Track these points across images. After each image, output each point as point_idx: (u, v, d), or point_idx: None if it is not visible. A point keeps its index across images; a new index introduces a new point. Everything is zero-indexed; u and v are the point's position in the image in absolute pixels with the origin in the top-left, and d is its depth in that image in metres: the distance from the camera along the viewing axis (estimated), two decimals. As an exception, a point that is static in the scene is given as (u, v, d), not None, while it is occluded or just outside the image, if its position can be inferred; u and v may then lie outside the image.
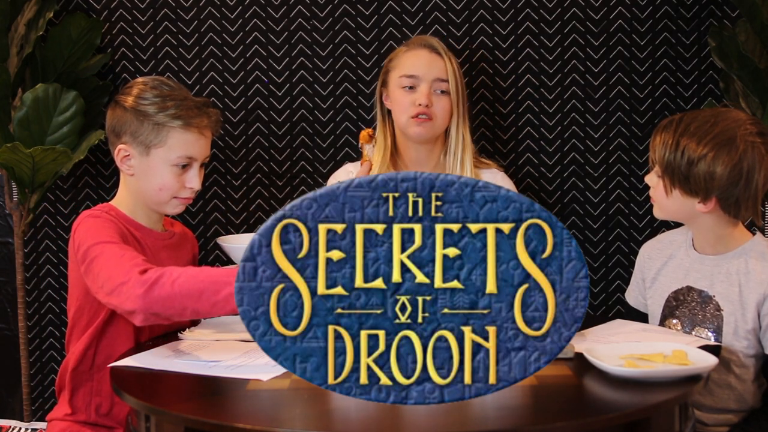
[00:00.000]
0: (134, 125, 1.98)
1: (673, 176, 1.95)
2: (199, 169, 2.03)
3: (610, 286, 2.70)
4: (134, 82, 2.05)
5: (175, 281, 1.71)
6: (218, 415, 1.49)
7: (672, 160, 1.94)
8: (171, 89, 2.02)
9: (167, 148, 1.98)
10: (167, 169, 1.99)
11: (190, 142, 1.99)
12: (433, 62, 2.38)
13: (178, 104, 1.98)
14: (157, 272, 1.73)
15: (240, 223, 2.76)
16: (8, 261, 2.81)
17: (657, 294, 2.10)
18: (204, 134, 2.02)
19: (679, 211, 2.00)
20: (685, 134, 1.93)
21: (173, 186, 2.00)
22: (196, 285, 1.70)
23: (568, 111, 2.68)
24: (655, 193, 2.02)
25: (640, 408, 1.50)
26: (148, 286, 1.71)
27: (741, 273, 1.97)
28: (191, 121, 1.98)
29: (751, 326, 1.95)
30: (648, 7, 2.64)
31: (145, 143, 1.98)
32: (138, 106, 1.98)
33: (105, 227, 1.91)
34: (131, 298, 1.72)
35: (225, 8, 2.71)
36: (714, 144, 1.91)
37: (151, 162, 1.99)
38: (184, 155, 1.99)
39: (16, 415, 2.80)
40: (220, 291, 1.70)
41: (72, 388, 1.99)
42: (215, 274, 1.72)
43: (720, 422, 2.00)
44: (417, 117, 2.34)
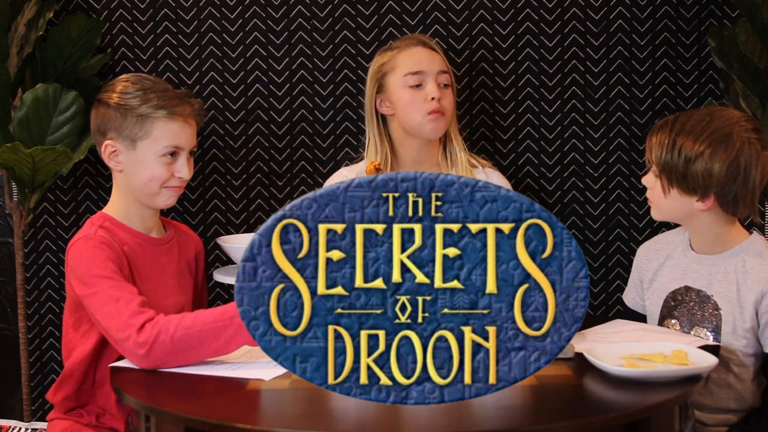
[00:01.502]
0: (118, 120, 1.98)
1: (671, 175, 1.95)
2: (187, 158, 2.03)
3: (610, 286, 2.70)
4: (115, 80, 2.05)
5: (173, 336, 1.71)
6: (218, 415, 1.49)
7: (669, 159, 1.94)
8: (152, 83, 2.02)
9: (153, 139, 1.98)
10: (155, 160, 1.99)
11: (175, 132, 1.99)
12: (433, 56, 2.39)
13: (159, 95, 1.99)
14: (155, 328, 1.72)
15: (240, 223, 2.76)
16: (8, 261, 2.81)
17: (655, 295, 2.10)
18: (188, 123, 2.02)
19: (677, 211, 2.00)
20: (681, 133, 1.94)
21: (162, 176, 2.00)
22: (195, 336, 1.72)
23: (568, 111, 2.68)
24: (653, 194, 2.02)
25: (640, 408, 1.50)
26: (148, 348, 1.72)
27: (739, 272, 1.97)
28: (174, 110, 1.98)
29: (749, 325, 1.95)
30: (648, 7, 2.64)
31: (131, 137, 1.98)
32: (120, 101, 1.98)
33: (97, 257, 1.90)
34: (135, 359, 1.75)
35: (225, 8, 2.71)
36: (710, 141, 1.91)
37: (138, 155, 1.99)
38: (171, 144, 1.99)
39: (16, 415, 2.80)
40: (220, 336, 1.72)
41: (74, 400, 2.00)
42: (210, 320, 1.73)
43: (720, 422, 2.00)
44: (432, 113, 2.34)
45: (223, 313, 1.74)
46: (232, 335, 1.72)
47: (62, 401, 2.00)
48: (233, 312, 1.73)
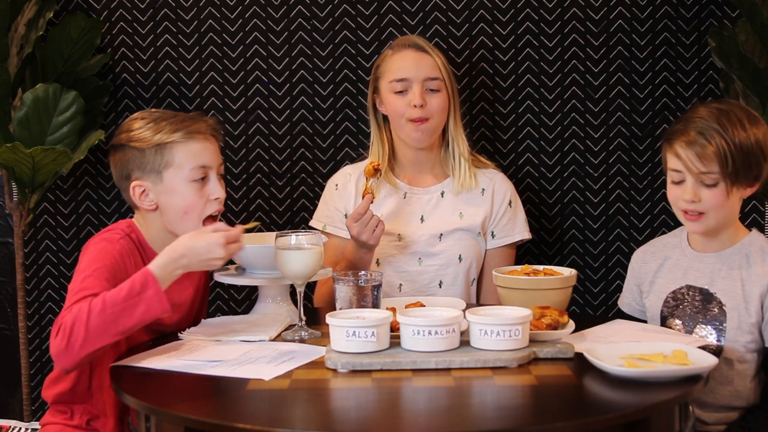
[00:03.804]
0: (138, 158, 1.95)
1: (738, 175, 1.93)
2: (218, 178, 1.99)
3: (610, 286, 2.70)
4: (123, 122, 2.02)
5: (88, 325, 1.70)
6: (218, 415, 1.49)
7: (730, 160, 1.91)
8: (161, 113, 2.00)
9: (177, 165, 1.94)
10: (186, 186, 1.95)
11: (197, 151, 1.96)
12: (421, 61, 2.36)
13: (170, 121, 1.96)
14: (67, 323, 1.71)
15: (240, 223, 2.75)
16: (8, 261, 2.81)
17: (655, 296, 2.10)
18: (208, 140, 1.99)
19: (732, 208, 2.00)
20: (724, 132, 1.93)
21: (197, 204, 1.96)
22: (109, 318, 1.70)
23: (568, 111, 2.68)
24: (711, 202, 1.95)
25: (640, 408, 1.50)
26: (66, 344, 1.70)
27: (743, 267, 1.99)
28: (190, 129, 1.96)
29: (755, 319, 1.97)
30: (648, 7, 2.64)
31: (155, 169, 1.94)
32: (134, 138, 1.95)
33: (100, 259, 1.87)
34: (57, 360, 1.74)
35: (225, 8, 2.71)
36: (750, 124, 1.94)
37: (167, 186, 1.95)
38: (197, 165, 1.95)
39: (16, 415, 2.80)
40: (133, 314, 1.72)
41: (68, 396, 1.99)
42: (121, 299, 1.72)
43: (720, 420, 2.01)
44: (414, 121, 2.34)
45: (131, 290, 1.72)
46: (145, 310, 1.72)
47: (55, 396, 1.98)
48: (140, 287, 1.72)
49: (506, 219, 2.41)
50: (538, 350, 1.73)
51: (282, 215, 2.75)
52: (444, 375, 1.65)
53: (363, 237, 2.19)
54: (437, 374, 1.65)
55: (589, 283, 2.71)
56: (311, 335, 1.91)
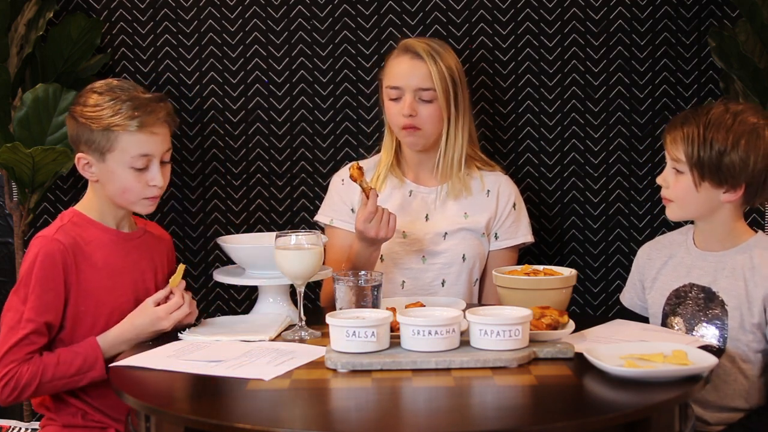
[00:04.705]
0: (86, 134, 1.97)
1: (703, 169, 1.96)
2: (161, 164, 2.01)
3: (610, 286, 2.70)
4: (85, 90, 2.03)
5: (30, 388, 1.89)
6: (218, 415, 1.49)
7: (701, 153, 1.96)
8: (120, 91, 1.99)
9: (120, 151, 1.96)
10: (125, 171, 1.98)
11: (141, 142, 1.97)
12: (414, 70, 2.33)
13: (127, 105, 1.96)
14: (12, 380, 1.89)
15: (240, 223, 2.76)
16: (8, 261, 2.81)
17: (658, 293, 2.10)
18: (155, 132, 1.99)
19: (703, 205, 2.01)
20: (709, 127, 1.96)
21: (136, 187, 1.99)
22: (52, 386, 1.91)
23: (568, 111, 2.68)
24: (675, 191, 2.02)
25: (640, 408, 1.50)
26: (9, 391, 1.89)
27: (746, 268, 1.99)
28: (143, 121, 1.96)
29: (757, 320, 1.97)
30: (648, 7, 2.64)
31: (100, 150, 1.97)
32: (86, 114, 1.97)
33: (37, 268, 1.93)
34: None
35: (225, 8, 2.71)
36: (741, 133, 1.95)
37: (108, 167, 1.98)
38: (139, 154, 1.97)
39: (16, 415, 2.80)
40: (76, 385, 1.93)
41: (59, 404, 2.02)
42: (70, 373, 1.91)
43: (723, 421, 2.01)
44: (405, 128, 2.34)
45: (80, 368, 1.91)
46: (88, 382, 1.93)
47: (37, 406, 2.06)
48: (87, 367, 1.91)
49: (510, 221, 2.41)
50: (538, 350, 1.73)
51: (282, 215, 2.75)
52: (444, 375, 1.65)
53: (381, 234, 2.18)
54: (437, 374, 1.65)
55: (589, 283, 2.71)
56: (311, 335, 1.91)
